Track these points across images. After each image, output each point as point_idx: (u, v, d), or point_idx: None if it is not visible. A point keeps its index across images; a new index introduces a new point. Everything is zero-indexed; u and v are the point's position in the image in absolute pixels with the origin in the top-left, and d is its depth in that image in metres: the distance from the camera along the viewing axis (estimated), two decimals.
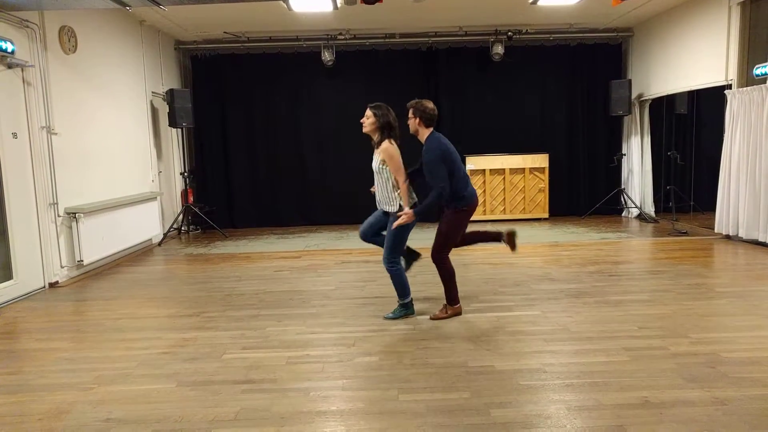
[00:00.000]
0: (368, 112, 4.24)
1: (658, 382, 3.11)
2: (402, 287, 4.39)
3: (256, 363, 3.58)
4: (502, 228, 4.58)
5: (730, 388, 3.02)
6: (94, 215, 6.41)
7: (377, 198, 4.37)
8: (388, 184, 4.19)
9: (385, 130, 4.20)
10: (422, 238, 4.58)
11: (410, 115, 4.24)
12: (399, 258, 4.36)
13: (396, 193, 4.19)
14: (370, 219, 4.50)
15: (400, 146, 4.22)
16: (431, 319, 4.35)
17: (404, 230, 4.21)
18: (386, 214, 4.33)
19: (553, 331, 4.01)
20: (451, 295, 4.40)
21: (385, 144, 4.16)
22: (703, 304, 4.55)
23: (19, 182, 5.54)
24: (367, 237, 4.52)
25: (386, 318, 4.41)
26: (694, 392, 2.98)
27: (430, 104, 4.23)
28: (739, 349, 3.55)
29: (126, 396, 3.16)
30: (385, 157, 4.15)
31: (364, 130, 4.28)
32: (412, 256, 4.61)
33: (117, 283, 5.95)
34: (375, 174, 4.29)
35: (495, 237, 4.56)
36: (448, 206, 4.27)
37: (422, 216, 4.11)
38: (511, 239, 4.53)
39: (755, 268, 5.75)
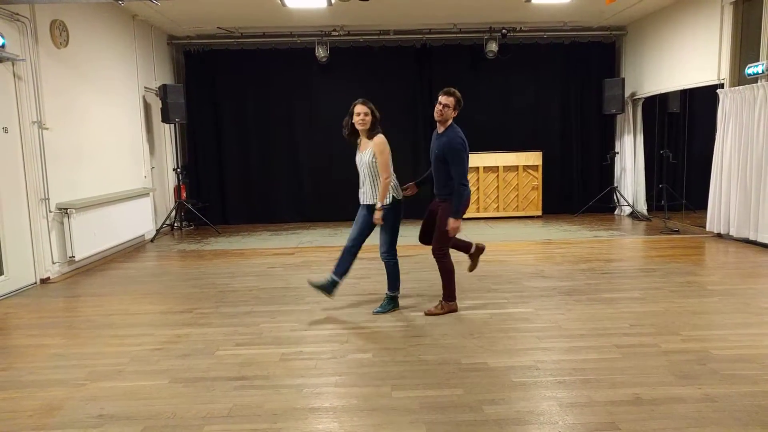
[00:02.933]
0: (365, 108, 4.20)
1: (650, 379, 3.14)
2: (396, 280, 4.45)
3: (249, 359, 3.57)
4: (476, 241, 4.72)
5: (721, 385, 3.04)
6: (86, 211, 6.37)
7: (364, 193, 4.34)
8: (380, 178, 4.22)
9: (377, 124, 4.25)
10: (406, 235, 4.59)
11: (450, 102, 4.31)
12: (396, 251, 4.39)
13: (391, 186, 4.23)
14: (359, 227, 4.37)
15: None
16: (425, 314, 4.36)
17: (399, 222, 4.32)
18: (370, 209, 4.29)
19: (546, 328, 4.03)
20: (449, 292, 4.41)
21: (381, 138, 4.21)
22: (695, 301, 4.59)
23: (10, 177, 5.50)
24: (356, 246, 4.41)
25: (375, 312, 4.43)
26: (684, 389, 3.00)
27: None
28: (730, 347, 3.58)
29: (118, 392, 3.15)
30: (378, 151, 4.15)
31: (363, 127, 4.21)
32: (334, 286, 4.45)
33: (109, 280, 5.92)
34: (366, 168, 4.27)
35: (465, 248, 4.67)
36: (447, 199, 4.24)
37: (460, 215, 4.15)
38: (476, 256, 4.67)
39: (746, 266, 5.79)
